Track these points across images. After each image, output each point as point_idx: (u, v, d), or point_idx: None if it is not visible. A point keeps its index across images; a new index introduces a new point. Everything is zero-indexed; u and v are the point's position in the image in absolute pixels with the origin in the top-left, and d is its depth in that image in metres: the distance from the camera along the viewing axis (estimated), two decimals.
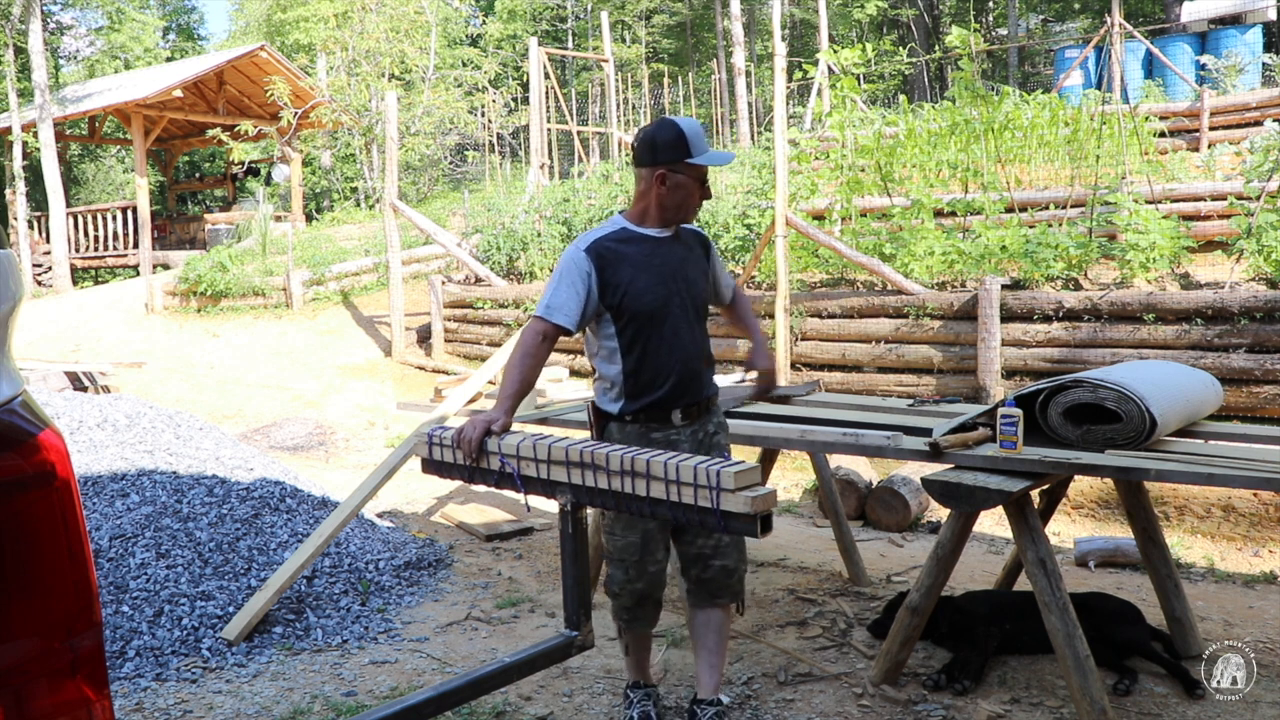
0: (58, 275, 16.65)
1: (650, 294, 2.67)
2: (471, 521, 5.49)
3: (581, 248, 2.68)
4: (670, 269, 2.72)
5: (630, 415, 2.73)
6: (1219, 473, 2.72)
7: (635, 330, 2.68)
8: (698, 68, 28.10)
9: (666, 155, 2.65)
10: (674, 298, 2.71)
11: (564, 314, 2.64)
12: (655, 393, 2.71)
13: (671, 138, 2.65)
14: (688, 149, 2.64)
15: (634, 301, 2.66)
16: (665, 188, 2.67)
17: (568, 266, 2.66)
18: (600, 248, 2.67)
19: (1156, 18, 19.64)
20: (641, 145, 2.70)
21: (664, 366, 2.70)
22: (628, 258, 2.67)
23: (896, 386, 7.34)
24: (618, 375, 2.72)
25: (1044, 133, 9.29)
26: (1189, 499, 5.71)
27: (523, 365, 2.65)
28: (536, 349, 2.66)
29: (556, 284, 2.67)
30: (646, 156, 2.68)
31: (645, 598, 2.83)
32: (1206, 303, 6.23)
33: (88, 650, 1.23)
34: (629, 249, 2.69)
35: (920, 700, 3.14)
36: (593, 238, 2.70)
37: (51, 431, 1.24)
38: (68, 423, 5.38)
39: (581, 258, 2.65)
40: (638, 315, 2.67)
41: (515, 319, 9.85)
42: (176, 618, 3.76)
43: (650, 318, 2.68)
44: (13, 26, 17.06)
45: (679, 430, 2.76)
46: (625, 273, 2.66)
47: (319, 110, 16.17)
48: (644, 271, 2.67)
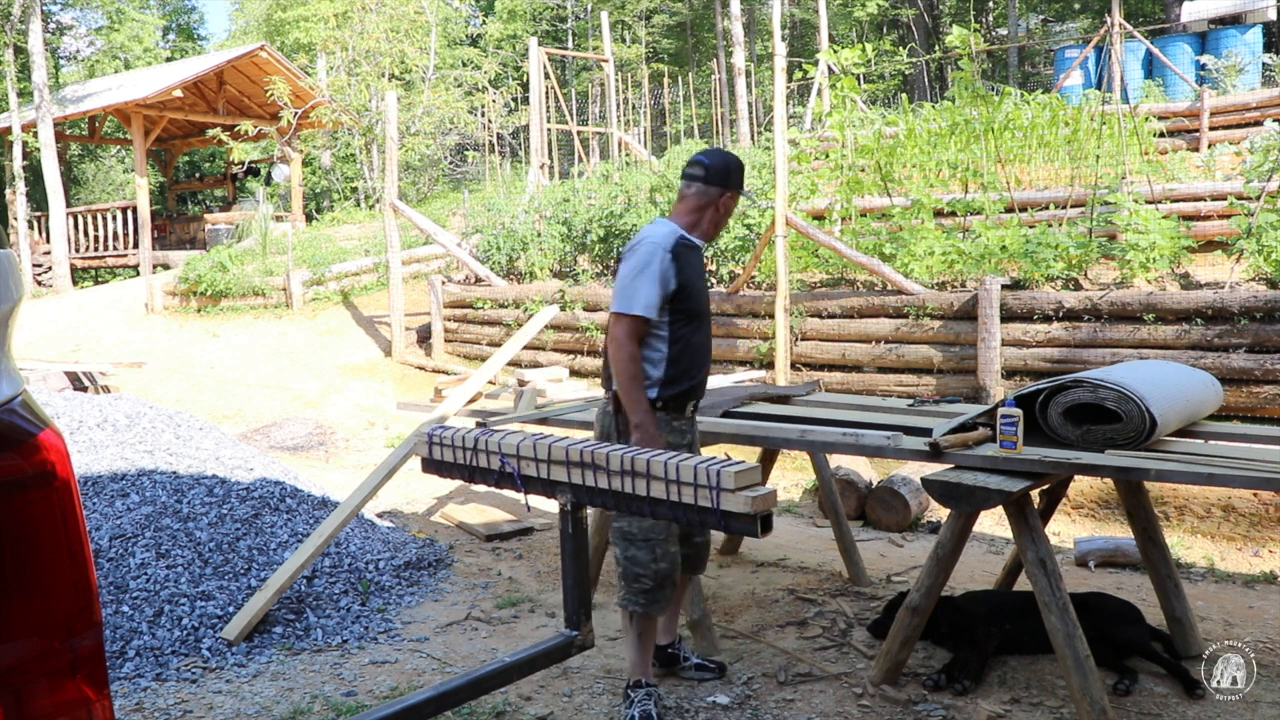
0: (58, 275, 16.65)
1: (701, 296, 3.02)
2: (471, 521, 5.49)
3: (665, 248, 2.91)
4: (704, 278, 3.10)
5: (661, 403, 2.96)
6: (1219, 473, 2.72)
7: (685, 324, 2.97)
8: (698, 68, 28.10)
9: (736, 181, 3.05)
10: (708, 303, 3.11)
11: (655, 309, 2.88)
12: (686, 383, 3.00)
13: (740, 169, 3.06)
14: (742, 180, 3.10)
15: (691, 302, 2.97)
16: (721, 211, 3.04)
17: (652, 264, 2.88)
18: (677, 250, 2.94)
19: (1156, 18, 19.64)
20: (717, 167, 3.02)
21: (696, 361, 3.02)
22: (690, 263, 2.98)
23: (896, 386, 7.34)
24: (660, 364, 2.95)
25: (1044, 133, 9.29)
26: (1189, 499, 5.71)
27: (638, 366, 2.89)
28: (637, 347, 2.90)
29: (639, 279, 2.87)
30: (719, 178, 3.01)
31: (667, 578, 2.97)
32: (1206, 303, 6.23)
33: (88, 650, 1.23)
34: (691, 255, 3.00)
35: (920, 700, 3.14)
36: (670, 240, 2.94)
37: (51, 431, 1.24)
38: (68, 423, 5.38)
39: (666, 258, 2.90)
40: (691, 312, 2.97)
41: (515, 319, 9.85)
42: (176, 618, 3.76)
43: (697, 315, 3.00)
44: (13, 26, 17.05)
45: (688, 421, 3.08)
46: (687, 274, 2.95)
47: (319, 110, 16.17)
48: (697, 277, 3.01)
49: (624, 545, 2.97)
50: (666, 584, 2.97)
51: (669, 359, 2.95)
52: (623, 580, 3.00)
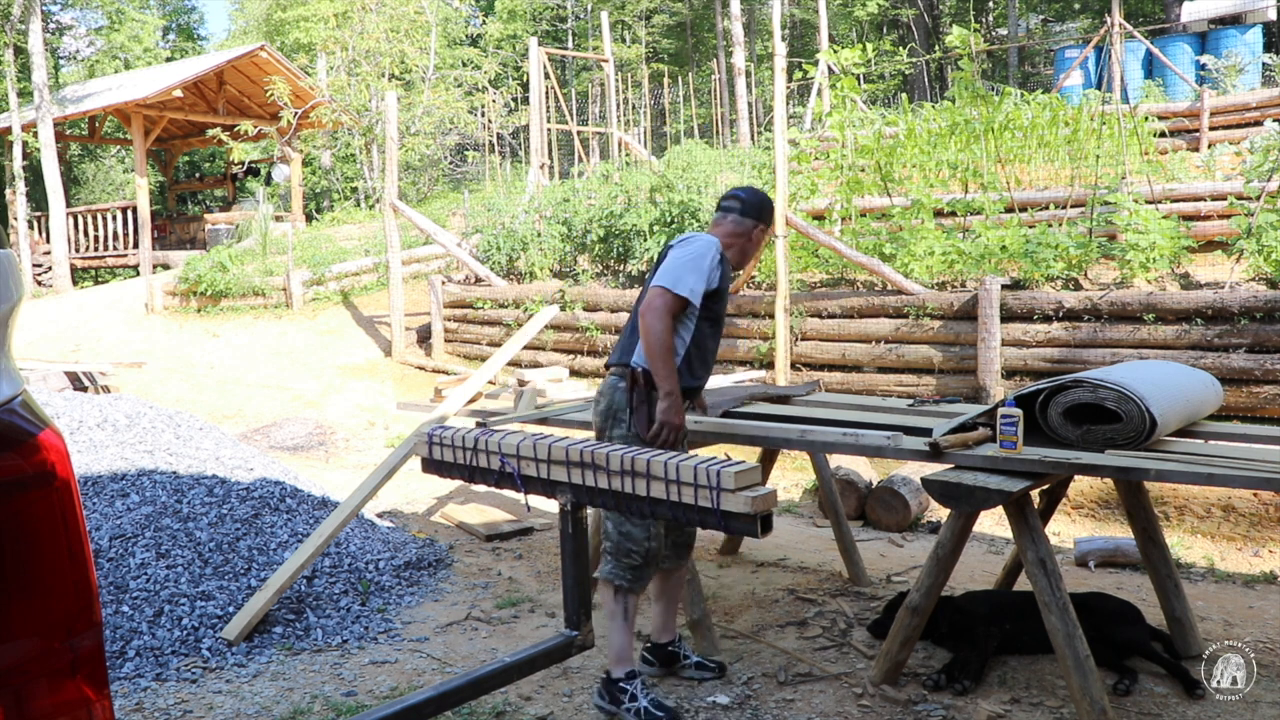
0: (58, 275, 16.65)
1: (725, 303, 3.24)
2: (471, 521, 5.49)
3: (718, 247, 3.13)
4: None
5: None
6: (1219, 473, 2.72)
7: (707, 327, 3.16)
8: (698, 68, 28.10)
9: (768, 218, 3.33)
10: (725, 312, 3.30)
11: (696, 296, 3.03)
12: (692, 380, 3.18)
13: (772, 207, 3.38)
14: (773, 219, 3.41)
15: (720, 306, 3.19)
16: (753, 242, 3.30)
17: (704, 257, 3.06)
18: (723, 255, 3.16)
19: (1156, 18, 19.64)
20: (753, 203, 3.28)
21: (706, 362, 3.24)
22: (726, 272, 3.19)
23: (896, 386, 7.34)
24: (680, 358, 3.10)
25: (1044, 133, 9.29)
26: (1189, 499, 5.71)
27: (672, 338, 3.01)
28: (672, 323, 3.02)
29: (693, 267, 3.03)
30: (754, 212, 3.27)
31: (655, 556, 3.08)
32: (1206, 303, 6.23)
33: (88, 650, 1.23)
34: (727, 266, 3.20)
35: (920, 700, 3.14)
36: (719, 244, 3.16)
37: (51, 431, 1.24)
38: (68, 423, 5.38)
39: (718, 256, 3.11)
40: (717, 315, 3.19)
41: (515, 319, 9.85)
42: (176, 618, 3.76)
43: (719, 322, 3.22)
44: (13, 27, 17.05)
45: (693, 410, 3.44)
46: (723, 280, 3.15)
47: (319, 110, 16.17)
48: (725, 284, 3.19)
49: (618, 520, 3.03)
50: (653, 563, 3.07)
51: (685, 355, 3.12)
52: (611, 555, 3.06)
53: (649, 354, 2.98)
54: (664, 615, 3.36)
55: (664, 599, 3.35)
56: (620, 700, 3.02)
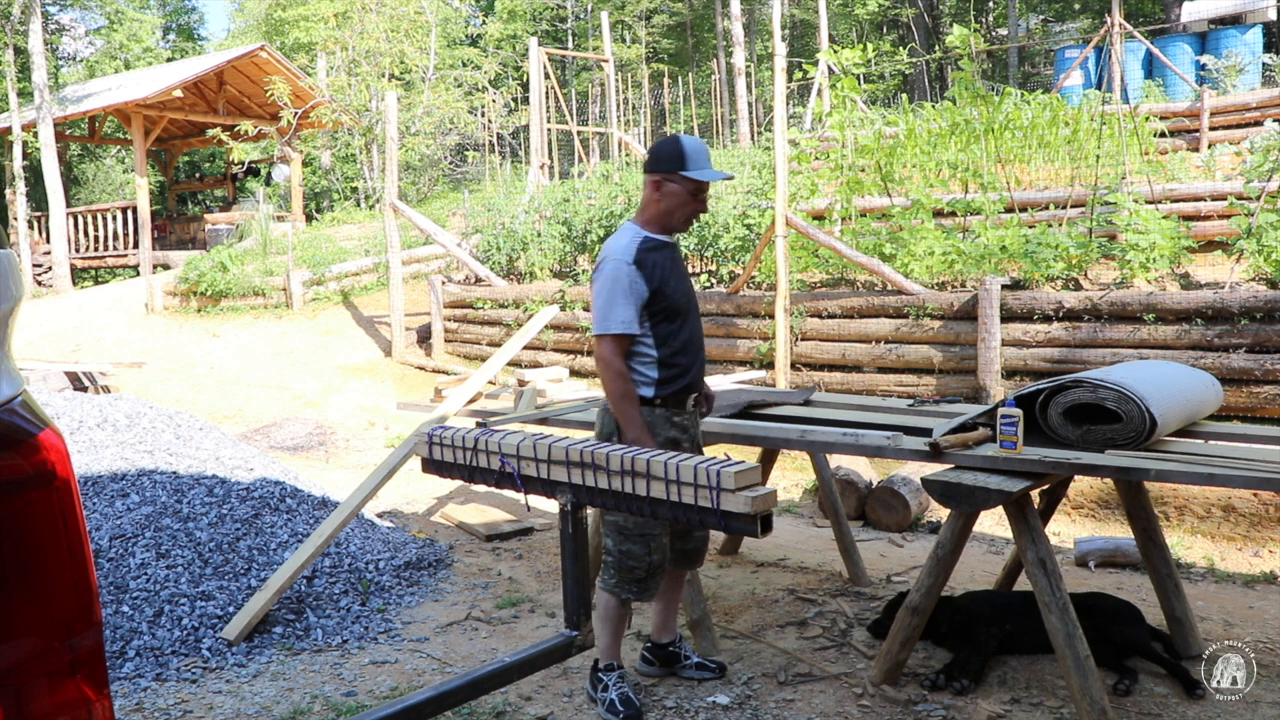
0: (58, 275, 16.65)
1: (679, 292, 3.01)
2: (471, 521, 5.49)
3: (626, 261, 2.92)
4: (681, 270, 3.09)
5: (660, 400, 3.01)
6: (1219, 473, 2.72)
7: (668, 324, 2.99)
8: (698, 68, 28.10)
9: (666, 165, 2.96)
10: (690, 295, 3.09)
11: (635, 324, 2.93)
12: (681, 380, 3.03)
13: (672, 151, 2.97)
14: (684, 162, 2.94)
15: (669, 301, 2.97)
16: (659, 194, 2.98)
17: (618, 281, 2.91)
18: (639, 257, 2.94)
19: (1156, 18, 19.64)
20: (650, 156, 3.02)
21: (688, 356, 3.04)
22: (659, 263, 2.97)
23: (896, 386, 7.34)
24: (653, 365, 3.00)
25: (1044, 133, 9.29)
26: (1189, 499, 5.71)
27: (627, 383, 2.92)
28: (624, 364, 2.94)
29: (613, 300, 2.91)
30: (650, 165, 3.00)
31: (659, 568, 3.06)
32: (1206, 303, 6.23)
33: (88, 650, 1.23)
34: (657, 255, 2.98)
35: (920, 700, 3.14)
36: (630, 251, 2.94)
37: (51, 431, 1.24)
38: (68, 423, 5.38)
39: (629, 270, 2.92)
40: (671, 311, 2.98)
41: (515, 319, 9.86)
42: (176, 618, 3.76)
43: (679, 313, 3.01)
44: (13, 27, 17.05)
45: (689, 416, 3.11)
46: (659, 276, 2.95)
47: (319, 110, 16.17)
48: (671, 274, 2.99)
49: (618, 539, 3.02)
50: (658, 573, 3.07)
51: (660, 361, 3.00)
52: (614, 570, 3.05)
53: (610, 403, 2.94)
54: (664, 615, 3.36)
55: (664, 599, 3.33)
56: (597, 688, 3.15)
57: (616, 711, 3.04)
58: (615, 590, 3.06)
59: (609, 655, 3.15)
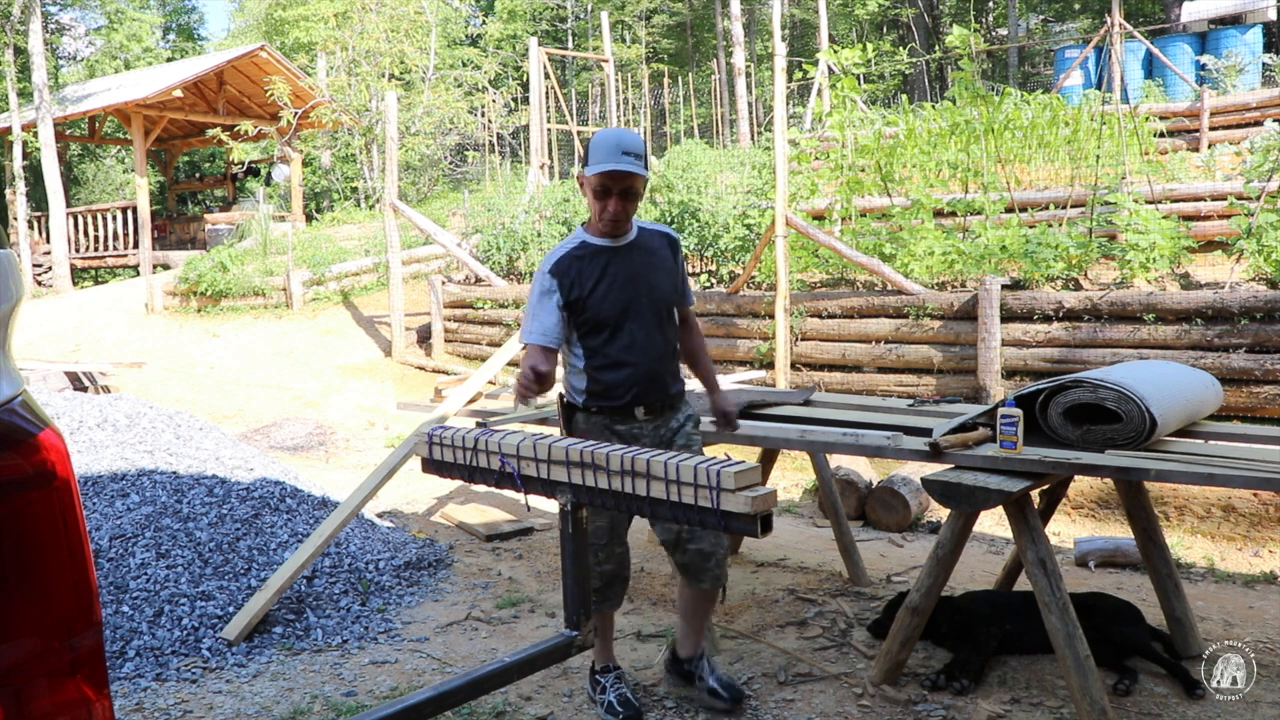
0: (58, 275, 16.65)
1: (607, 302, 2.81)
2: (471, 521, 5.49)
3: (546, 269, 2.83)
4: (627, 276, 2.85)
5: (595, 408, 2.90)
6: (1219, 473, 2.72)
7: (594, 336, 2.85)
8: (698, 68, 28.10)
9: (594, 158, 2.77)
10: (633, 304, 2.84)
11: (553, 336, 2.80)
12: (615, 395, 2.87)
13: (602, 143, 2.76)
14: (587, 157, 2.78)
15: (593, 310, 2.82)
16: (594, 197, 2.80)
17: (534, 290, 2.84)
18: (561, 265, 2.83)
19: (1156, 18, 19.64)
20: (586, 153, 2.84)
21: (622, 369, 2.85)
22: (586, 270, 2.82)
23: (896, 386, 7.34)
24: (581, 375, 2.90)
25: (1044, 133, 9.29)
26: (1189, 499, 5.71)
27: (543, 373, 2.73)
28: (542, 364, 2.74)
29: (535, 310, 2.83)
30: (584, 161, 2.83)
31: (615, 577, 3.02)
32: (1206, 303, 6.23)
33: (88, 650, 1.23)
34: (586, 262, 2.83)
35: (920, 700, 3.14)
36: (554, 257, 2.85)
37: (51, 431, 1.24)
38: (68, 423, 5.37)
39: (546, 279, 2.82)
40: (596, 322, 2.83)
41: (515, 319, 9.85)
42: (176, 618, 3.76)
43: (607, 324, 2.83)
44: (13, 27, 17.05)
45: (641, 425, 2.91)
46: (585, 284, 2.81)
47: (319, 110, 16.17)
48: (601, 281, 2.82)
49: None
50: (615, 582, 3.03)
51: (587, 374, 2.89)
52: None
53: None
54: (681, 628, 3.23)
55: (682, 615, 3.20)
56: (596, 690, 3.15)
57: (615, 712, 3.04)
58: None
59: (601, 658, 3.17)
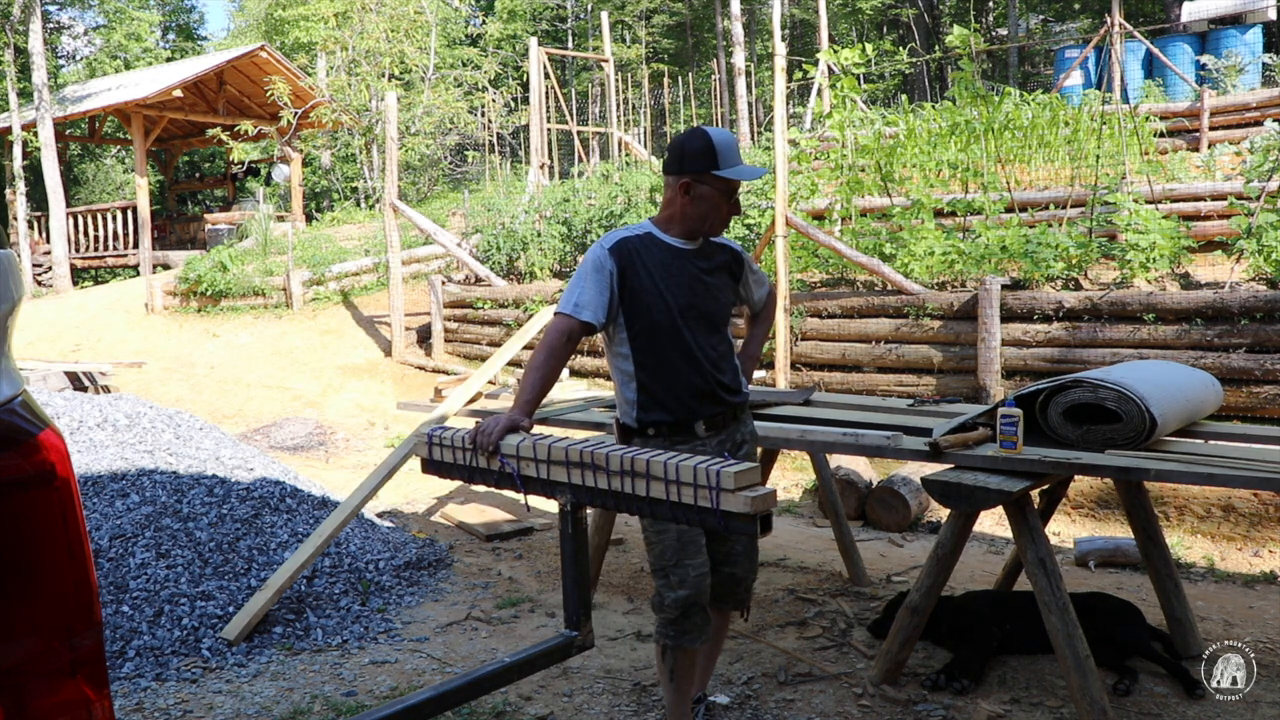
0: (58, 275, 16.65)
1: (664, 303, 2.58)
2: (471, 521, 5.49)
3: (606, 246, 2.60)
4: (688, 281, 2.62)
5: (652, 429, 2.63)
6: (1219, 473, 2.72)
7: (648, 341, 2.60)
8: (698, 68, 28.11)
9: (693, 165, 2.57)
10: (690, 310, 2.61)
11: (590, 310, 2.56)
12: (671, 408, 2.61)
13: (700, 147, 2.56)
14: (715, 160, 2.55)
15: (647, 308, 2.58)
16: (688, 198, 2.59)
17: (592, 264, 2.59)
18: (624, 247, 2.60)
19: (1156, 18, 19.63)
20: (670, 153, 2.64)
21: (679, 380, 2.61)
22: (648, 264, 2.59)
23: (896, 386, 7.34)
24: (631, 384, 2.64)
25: (1044, 133, 9.29)
26: (1189, 499, 5.71)
27: (546, 366, 2.56)
28: (561, 349, 2.56)
29: (582, 281, 2.59)
30: (674, 165, 2.61)
31: (693, 604, 2.62)
32: (1206, 303, 6.23)
33: (88, 650, 1.23)
34: (651, 255, 2.60)
35: (920, 700, 3.14)
36: (618, 237, 2.63)
37: (51, 431, 1.24)
38: (68, 423, 5.37)
39: (605, 256, 2.58)
40: (650, 324, 2.59)
41: (515, 319, 9.85)
42: (176, 618, 3.76)
43: (663, 329, 2.59)
44: (13, 27, 17.05)
45: (704, 441, 2.65)
46: (644, 277, 2.58)
47: (319, 110, 16.17)
48: (661, 279, 2.59)
49: (654, 568, 2.68)
50: (693, 610, 2.62)
51: (638, 384, 2.63)
52: (655, 608, 2.70)
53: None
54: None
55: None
56: None
57: None
58: (657, 635, 2.70)
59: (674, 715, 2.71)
